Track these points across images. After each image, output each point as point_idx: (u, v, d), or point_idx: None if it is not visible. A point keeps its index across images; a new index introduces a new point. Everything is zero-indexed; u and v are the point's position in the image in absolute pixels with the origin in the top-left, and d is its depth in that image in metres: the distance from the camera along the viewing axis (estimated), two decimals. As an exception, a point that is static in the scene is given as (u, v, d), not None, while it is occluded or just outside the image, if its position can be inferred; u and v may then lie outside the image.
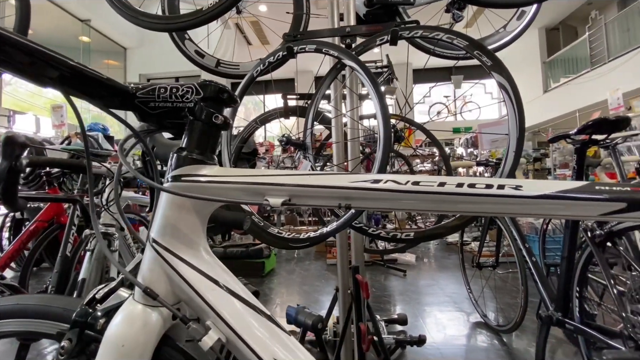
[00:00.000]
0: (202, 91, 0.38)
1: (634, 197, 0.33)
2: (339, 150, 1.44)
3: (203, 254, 0.40)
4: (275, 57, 1.27)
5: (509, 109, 0.96)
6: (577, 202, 0.33)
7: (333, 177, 0.35)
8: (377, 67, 3.86)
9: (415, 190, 0.34)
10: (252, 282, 3.22)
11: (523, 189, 0.34)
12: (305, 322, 0.79)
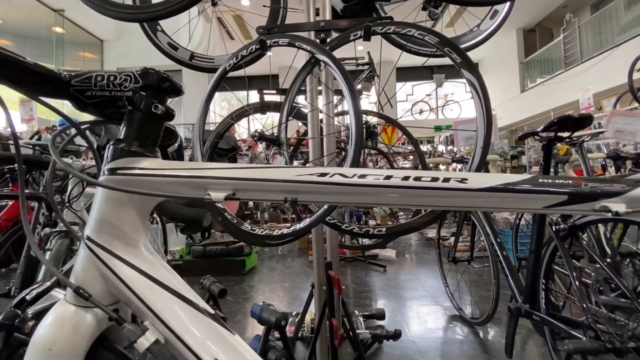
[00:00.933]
0: (142, 79, 0.36)
1: (574, 190, 0.33)
2: (315, 146, 1.43)
3: (143, 252, 0.38)
4: (248, 51, 1.25)
5: (477, 106, 0.97)
6: (522, 195, 0.34)
7: (279, 170, 0.34)
8: (359, 64, 3.87)
9: (361, 184, 0.33)
10: (233, 281, 3.19)
11: (468, 182, 0.34)
12: (268, 319, 0.78)
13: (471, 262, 2.08)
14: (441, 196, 0.34)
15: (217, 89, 1.38)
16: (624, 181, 0.35)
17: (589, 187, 0.34)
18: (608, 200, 0.34)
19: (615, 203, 0.34)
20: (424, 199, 0.34)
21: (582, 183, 0.34)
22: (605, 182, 0.35)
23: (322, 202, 0.35)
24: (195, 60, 1.70)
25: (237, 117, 1.71)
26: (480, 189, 0.33)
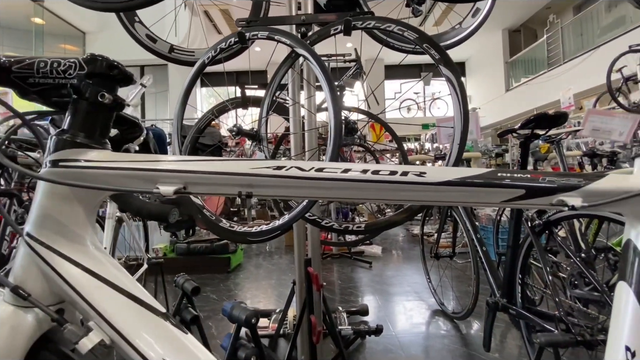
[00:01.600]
0: (87, 66, 0.34)
1: (531, 184, 0.33)
2: (297, 142, 1.42)
3: (90, 249, 0.36)
4: (227, 44, 1.22)
5: (454, 103, 0.98)
6: (480, 189, 0.33)
7: (232, 163, 0.33)
8: (345, 60, 3.86)
9: (318, 177, 0.33)
10: (217, 278, 3.15)
11: (426, 175, 0.33)
12: (238, 317, 0.77)
13: (453, 258, 2.11)
14: (399, 190, 0.33)
15: (195, 82, 1.35)
16: (581, 176, 0.35)
17: (546, 182, 0.34)
18: (565, 194, 0.34)
19: (571, 197, 0.34)
20: (382, 193, 0.33)
21: (539, 177, 0.34)
22: (562, 176, 0.35)
23: (278, 197, 0.34)
24: (174, 53, 1.66)
25: (218, 112, 1.68)
26: (438, 183, 0.33)
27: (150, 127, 3.22)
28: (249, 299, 2.63)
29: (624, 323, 0.35)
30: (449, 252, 2.13)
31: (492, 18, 4.13)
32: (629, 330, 0.34)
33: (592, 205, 0.34)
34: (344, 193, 0.33)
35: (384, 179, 0.32)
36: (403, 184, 0.32)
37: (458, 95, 0.97)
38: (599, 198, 0.35)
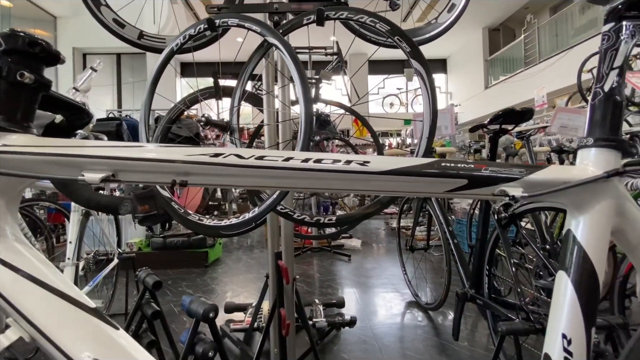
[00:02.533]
0: (6, 43, 0.31)
1: (474, 174, 0.33)
2: (271, 133, 1.39)
3: (9, 241, 0.33)
4: (196, 30, 1.18)
5: (424, 96, 0.98)
6: (423, 179, 0.33)
7: (166, 149, 0.31)
8: (327, 53, 3.83)
9: (258, 165, 0.31)
10: (194, 273, 3.10)
11: (370, 165, 0.32)
12: (196, 311, 0.75)
13: (427, 251, 2.15)
14: (342, 179, 0.32)
15: (163, 70, 1.30)
16: (523, 167, 0.36)
17: (488, 172, 0.34)
18: (507, 184, 0.34)
19: (512, 187, 0.34)
20: (325, 182, 0.32)
21: (483, 168, 0.34)
22: (505, 167, 0.35)
23: (216, 185, 0.33)
24: (144, 40, 1.59)
25: (190, 103, 1.63)
26: (381, 172, 0.32)
27: (125, 118, 3.10)
28: (226, 293, 2.60)
29: (562, 312, 0.36)
30: (423, 244, 2.17)
31: (472, 16, 4.29)
32: (566, 319, 0.35)
33: (532, 195, 0.35)
34: (285, 182, 0.32)
35: (326, 167, 0.31)
36: (345, 173, 0.32)
37: (428, 89, 0.98)
38: (539, 188, 0.35)
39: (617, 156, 0.38)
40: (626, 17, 0.38)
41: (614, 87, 0.38)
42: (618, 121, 0.38)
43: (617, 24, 0.39)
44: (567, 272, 0.37)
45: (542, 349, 0.38)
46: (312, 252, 3.71)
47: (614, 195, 0.38)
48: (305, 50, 3.76)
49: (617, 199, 0.38)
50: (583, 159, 0.39)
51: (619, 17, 0.38)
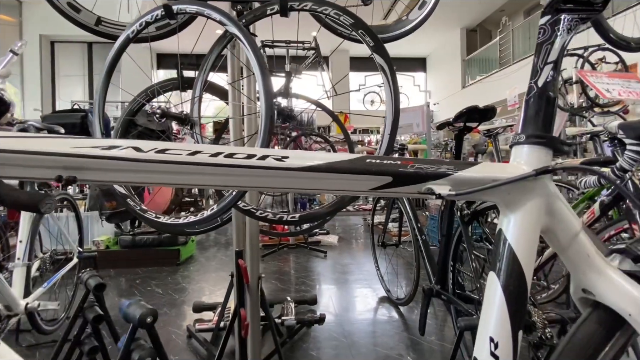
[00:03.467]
0: None
1: (399, 171, 0.31)
2: (236, 127, 1.35)
3: None
4: (153, 17, 1.11)
5: (386, 92, 0.97)
6: (345, 176, 0.31)
7: (50, 140, 0.28)
8: (304, 48, 3.78)
9: (158, 160, 0.28)
10: (165, 271, 3.00)
11: (288, 160, 0.30)
12: (132, 316, 0.71)
13: (399, 246, 2.17)
14: (256, 175, 0.30)
15: (118, 60, 1.23)
16: (453, 163, 0.34)
17: (414, 169, 0.32)
18: (434, 182, 0.33)
19: (440, 185, 0.33)
20: (237, 179, 0.30)
21: (409, 164, 0.32)
22: (433, 164, 0.34)
23: (111, 182, 0.29)
24: (102, 26, 1.49)
25: (152, 94, 1.55)
26: (300, 168, 0.29)
27: (92, 110, 2.94)
28: (197, 292, 2.53)
29: (491, 314, 0.35)
30: (395, 240, 2.19)
31: (451, 16, 4.35)
32: (494, 322, 0.35)
33: (460, 194, 0.33)
34: (190, 179, 0.29)
35: (238, 163, 0.29)
36: (260, 168, 0.29)
37: (390, 84, 0.96)
38: (468, 186, 0.34)
39: (549, 154, 0.38)
40: (563, 10, 0.37)
41: (548, 82, 0.37)
42: (550, 118, 0.38)
43: (554, 17, 0.38)
44: (497, 274, 0.36)
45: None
46: (288, 248, 3.68)
47: (543, 193, 0.37)
48: (282, 44, 3.71)
49: (547, 197, 0.37)
50: (516, 157, 0.39)
51: (556, 10, 0.37)
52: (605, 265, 0.36)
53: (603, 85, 1.03)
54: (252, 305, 1.27)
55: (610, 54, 4.50)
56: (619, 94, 1.01)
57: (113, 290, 2.61)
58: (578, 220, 0.37)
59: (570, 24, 0.37)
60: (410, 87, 11.22)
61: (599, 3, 0.36)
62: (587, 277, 0.36)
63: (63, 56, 9.81)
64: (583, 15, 0.37)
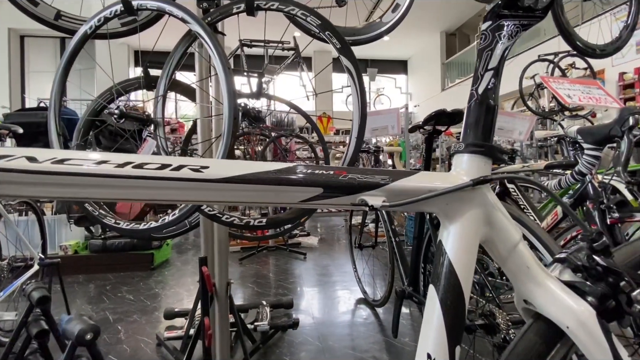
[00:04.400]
0: None
1: (330, 182, 0.29)
2: (204, 129, 1.30)
3: None
4: (112, 13, 1.06)
5: (353, 95, 0.96)
6: (272, 187, 0.28)
7: None
8: (284, 48, 3.74)
9: (55, 171, 0.25)
10: (138, 277, 2.90)
11: (207, 171, 0.27)
12: (71, 332, 0.67)
13: (375, 248, 2.18)
14: (170, 188, 0.27)
15: (75, 57, 1.17)
16: (389, 173, 0.33)
17: (347, 179, 0.31)
18: (367, 193, 0.31)
19: (373, 196, 0.31)
20: (147, 192, 0.27)
21: (342, 174, 0.31)
22: (368, 173, 0.32)
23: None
24: (62, 21, 1.42)
25: (117, 93, 1.49)
26: (220, 180, 0.27)
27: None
28: (170, 297, 2.45)
29: (429, 329, 0.34)
30: (372, 242, 2.19)
31: (431, 20, 4.39)
32: (432, 338, 0.33)
33: (395, 205, 0.32)
34: (93, 192, 0.26)
35: (147, 174, 0.26)
36: (174, 180, 0.26)
37: (357, 87, 0.95)
38: (404, 196, 0.33)
39: (487, 163, 0.37)
40: (505, 16, 0.36)
41: (488, 89, 0.37)
42: (490, 126, 0.37)
43: (495, 23, 0.37)
44: (436, 287, 0.35)
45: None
46: (268, 251, 3.63)
47: (482, 204, 0.36)
48: (261, 43, 3.66)
49: (486, 207, 0.36)
50: (456, 165, 0.38)
51: (497, 16, 0.37)
52: (545, 276, 0.36)
53: (565, 91, 1.06)
54: (220, 313, 1.23)
55: (579, 60, 4.70)
56: (580, 99, 1.05)
57: (81, 297, 2.50)
58: (517, 230, 0.37)
59: (512, 30, 0.37)
60: (392, 89, 11.36)
61: (539, 10, 0.36)
62: (527, 288, 0.36)
63: (33, 51, 9.37)
64: (525, 22, 0.36)
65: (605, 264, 0.33)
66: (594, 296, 0.32)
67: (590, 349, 0.31)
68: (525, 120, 1.95)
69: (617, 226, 1.07)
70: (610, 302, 0.32)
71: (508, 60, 1.97)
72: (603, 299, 0.32)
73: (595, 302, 0.32)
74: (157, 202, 0.28)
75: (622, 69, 5.17)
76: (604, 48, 1.76)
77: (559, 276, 0.36)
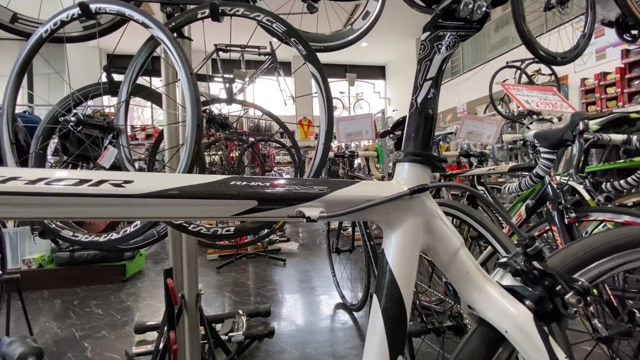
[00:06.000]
0: None
1: (264, 194, 0.28)
2: (171, 136, 1.27)
3: None
4: (69, 16, 1.02)
5: (320, 101, 0.96)
6: (202, 202, 0.27)
7: None
8: (260, 53, 3.72)
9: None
10: (109, 289, 2.77)
11: (131, 185, 0.26)
12: (11, 356, 0.62)
13: (352, 252, 2.19)
14: (90, 204, 0.25)
15: (30, 60, 1.11)
16: (328, 183, 0.33)
17: (283, 191, 0.30)
18: (304, 204, 0.31)
19: (311, 207, 0.31)
20: (65, 210, 0.25)
21: (278, 186, 0.30)
22: (305, 184, 0.32)
23: None
24: (19, 24, 1.35)
25: (79, 101, 1.42)
26: (145, 195, 0.26)
27: (22, 114, 2.65)
28: (143, 310, 2.36)
29: (373, 339, 0.34)
30: (349, 246, 2.20)
31: (405, 27, 4.49)
32: (375, 349, 0.33)
33: (332, 216, 0.32)
34: (2, 211, 0.24)
35: (62, 191, 0.24)
36: (93, 197, 0.25)
37: (323, 93, 0.96)
38: (343, 207, 0.33)
39: (426, 171, 0.37)
40: (443, 27, 0.37)
41: (427, 99, 0.37)
42: (429, 135, 0.38)
43: (433, 34, 0.38)
44: (378, 297, 0.35)
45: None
46: (247, 258, 3.57)
47: (421, 212, 0.37)
48: (237, 48, 3.63)
49: (425, 216, 0.37)
50: (397, 174, 0.38)
51: (435, 27, 0.37)
52: (485, 281, 0.37)
53: (523, 97, 1.11)
54: (190, 325, 1.19)
55: (545, 67, 4.95)
56: (537, 105, 1.10)
57: (46, 314, 2.36)
58: (458, 237, 0.37)
59: (450, 40, 0.37)
60: (371, 93, 11.54)
61: (475, 21, 0.37)
62: (469, 294, 0.37)
63: (-5, 54, 8.89)
64: (462, 33, 0.37)
65: (542, 268, 0.34)
66: (531, 300, 0.33)
67: (528, 351, 0.32)
68: (493, 124, 2.02)
69: (575, 225, 1.12)
70: (547, 305, 0.33)
71: (480, 67, 2.10)
72: (540, 302, 0.33)
73: (532, 305, 0.33)
74: (75, 219, 0.26)
75: (583, 75, 5.48)
76: (565, 56, 1.86)
77: (500, 280, 0.37)
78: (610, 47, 5.07)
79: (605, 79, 5.11)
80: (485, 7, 0.36)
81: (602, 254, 0.39)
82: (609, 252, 0.39)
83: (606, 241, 0.40)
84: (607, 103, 5.10)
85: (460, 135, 2.00)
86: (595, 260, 0.39)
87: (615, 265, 0.39)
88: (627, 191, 1.22)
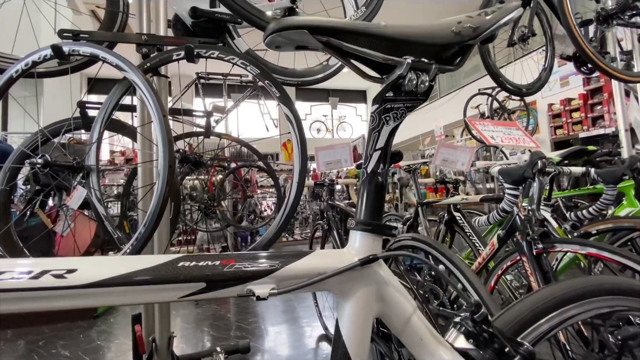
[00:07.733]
0: None
1: (213, 275, 0.29)
2: (145, 175, 1.25)
3: None
4: (41, 57, 1.02)
5: (294, 141, 0.98)
6: (148, 288, 0.27)
7: None
8: (242, 81, 3.78)
9: None
10: (79, 327, 2.61)
11: (73, 275, 0.26)
12: None
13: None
14: (28, 299, 0.25)
15: (1, 97, 1.10)
16: (279, 257, 0.34)
17: (232, 270, 0.31)
18: (254, 282, 0.31)
19: (261, 285, 0.31)
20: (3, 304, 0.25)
21: (228, 264, 0.31)
22: (257, 259, 0.33)
23: None
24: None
25: (52, 134, 1.40)
26: (88, 285, 0.26)
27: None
28: (114, 351, 2.22)
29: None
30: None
31: None
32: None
33: (283, 291, 0.32)
34: None
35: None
36: (32, 290, 0.25)
37: (297, 134, 0.98)
38: (294, 281, 0.33)
39: (377, 240, 0.39)
40: (390, 100, 0.40)
41: (377, 168, 0.39)
42: (380, 204, 0.39)
43: (381, 106, 0.41)
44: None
45: None
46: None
47: (372, 281, 0.38)
48: (219, 76, 3.68)
49: (377, 284, 0.38)
50: (350, 243, 0.39)
51: (383, 100, 0.40)
52: (438, 346, 0.37)
53: (489, 132, 1.18)
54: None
55: (514, 93, 5.24)
56: (502, 140, 1.17)
57: (6, 357, 2.18)
58: (411, 303, 0.38)
59: (397, 112, 0.40)
60: (353, 117, 11.84)
61: (420, 94, 0.40)
62: (423, 359, 0.37)
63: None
64: (408, 104, 0.40)
65: (491, 330, 0.35)
66: (481, 363, 0.34)
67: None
68: (467, 152, 2.10)
69: (543, 256, 1.15)
70: (497, 367, 0.34)
71: (456, 92, 2.20)
72: (490, 365, 0.34)
73: (483, 369, 0.34)
74: (10, 312, 0.26)
75: (550, 101, 5.83)
76: (530, 87, 1.99)
77: (454, 342, 0.38)
78: (573, 74, 5.45)
79: (570, 105, 5.45)
80: (428, 82, 0.39)
81: (550, 309, 0.41)
82: (555, 307, 0.41)
83: (553, 296, 0.42)
84: (574, 127, 5.41)
85: (436, 162, 2.06)
86: (545, 315, 0.41)
87: (564, 319, 0.41)
88: (589, 221, 1.28)
